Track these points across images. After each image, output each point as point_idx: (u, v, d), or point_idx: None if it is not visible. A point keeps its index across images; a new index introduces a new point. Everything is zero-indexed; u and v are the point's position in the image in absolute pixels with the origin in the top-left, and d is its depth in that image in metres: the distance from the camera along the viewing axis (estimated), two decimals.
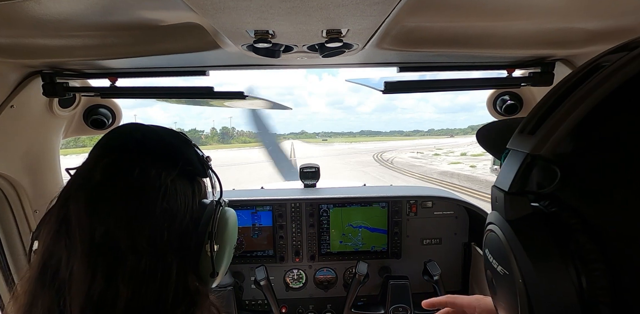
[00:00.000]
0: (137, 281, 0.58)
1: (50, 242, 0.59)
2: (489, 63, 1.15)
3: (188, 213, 0.65)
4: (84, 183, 0.61)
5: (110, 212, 0.59)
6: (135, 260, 0.58)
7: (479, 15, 0.77)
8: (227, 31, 0.75)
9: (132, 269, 0.57)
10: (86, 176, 0.62)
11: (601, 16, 0.78)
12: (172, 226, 0.62)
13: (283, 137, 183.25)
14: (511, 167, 0.40)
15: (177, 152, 0.68)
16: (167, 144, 0.68)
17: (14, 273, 1.25)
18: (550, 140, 0.36)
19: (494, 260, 0.43)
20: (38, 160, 1.23)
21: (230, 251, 0.72)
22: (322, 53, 0.86)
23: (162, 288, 0.59)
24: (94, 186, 0.60)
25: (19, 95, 1.06)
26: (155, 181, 0.62)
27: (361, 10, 0.64)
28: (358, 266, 1.58)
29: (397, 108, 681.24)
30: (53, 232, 0.59)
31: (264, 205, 1.71)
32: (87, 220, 0.58)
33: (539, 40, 0.93)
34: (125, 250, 0.58)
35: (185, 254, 0.63)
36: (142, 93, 1.18)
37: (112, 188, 0.60)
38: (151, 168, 0.63)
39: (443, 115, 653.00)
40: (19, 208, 1.22)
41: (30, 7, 0.65)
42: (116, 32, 0.83)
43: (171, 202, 0.62)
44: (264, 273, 1.54)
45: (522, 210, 0.39)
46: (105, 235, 0.57)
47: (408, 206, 1.73)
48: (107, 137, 0.69)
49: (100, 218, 0.58)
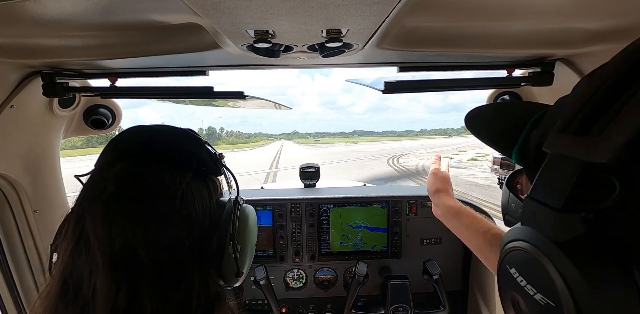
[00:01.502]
0: (161, 293, 0.56)
1: (69, 258, 0.58)
2: (488, 63, 1.15)
3: (207, 215, 0.63)
4: (97, 195, 0.59)
5: (127, 224, 0.56)
6: (158, 272, 0.56)
7: (479, 15, 0.77)
8: (227, 31, 0.75)
9: (155, 282, 0.56)
10: (98, 188, 0.59)
11: (601, 16, 0.77)
12: (192, 232, 0.60)
13: (275, 137, 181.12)
14: (559, 177, 0.34)
15: (188, 153, 0.65)
16: (177, 145, 0.66)
17: (14, 273, 1.25)
18: (619, 143, 0.29)
19: (528, 286, 0.37)
20: (38, 160, 1.22)
21: (252, 249, 0.71)
22: (322, 53, 0.86)
23: (185, 297, 0.58)
24: (108, 199, 0.58)
25: (19, 95, 1.06)
26: (170, 187, 0.60)
27: (361, 10, 0.64)
28: (357, 266, 1.58)
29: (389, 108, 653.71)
30: (72, 248, 0.58)
31: (264, 204, 1.71)
32: (106, 233, 0.56)
33: (539, 40, 0.93)
34: (147, 263, 0.56)
35: (207, 258, 0.61)
36: (142, 93, 1.18)
37: (127, 199, 0.58)
38: (164, 173, 0.61)
39: (434, 115, 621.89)
40: (19, 208, 1.22)
41: (30, 7, 0.65)
42: (116, 32, 0.83)
43: (189, 207, 0.60)
44: (263, 273, 1.54)
45: (575, 229, 0.33)
46: (124, 247, 0.56)
47: (408, 206, 1.73)
48: (115, 142, 0.66)
49: (118, 231, 0.56)
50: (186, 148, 0.66)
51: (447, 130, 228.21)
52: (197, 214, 0.61)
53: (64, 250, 0.59)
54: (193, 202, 0.61)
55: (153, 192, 0.59)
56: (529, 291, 0.37)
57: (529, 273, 0.37)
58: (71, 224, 0.60)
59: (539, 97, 1.27)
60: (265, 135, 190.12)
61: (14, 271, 1.25)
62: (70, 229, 0.59)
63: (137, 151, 0.64)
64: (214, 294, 0.62)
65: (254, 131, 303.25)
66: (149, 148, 0.64)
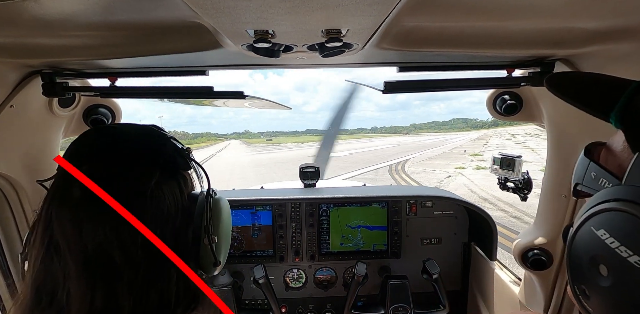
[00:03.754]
0: (138, 292, 0.57)
1: (40, 265, 0.57)
2: (488, 63, 1.15)
3: (180, 211, 0.63)
4: (63, 201, 0.58)
5: (98, 228, 0.56)
6: (133, 272, 0.56)
7: (479, 15, 0.77)
8: (227, 31, 0.75)
9: (131, 282, 0.56)
10: (64, 194, 0.59)
11: (601, 16, 0.78)
12: (165, 229, 0.60)
13: (225, 137, 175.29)
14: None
15: (154, 150, 0.65)
16: (141, 144, 0.65)
17: (14, 273, 1.25)
18: None
19: (622, 247, 0.36)
20: (38, 159, 1.22)
21: (228, 238, 0.72)
22: (322, 53, 0.86)
23: (163, 293, 0.58)
24: (76, 203, 0.57)
25: (19, 94, 1.06)
26: (138, 187, 0.60)
27: (361, 10, 0.64)
28: (357, 266, 1.58)
29: None
30: (42, 255, 0.57)
31: (264, 204, 1.71)
32: (76, 238, 0.56)
33: (538, 40, 0.93)
34: (120, 263, 0.56)
35: (184, 251, 0.62)
36: (142, 93, 1.18)
37: (95, 203, 0.57)
38: (130, 173, 0.60)
39: (384, 113, 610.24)
40: (19, 208, 1.22)
41: (30, 7, 0.65)
42: (116, 32, 0.83)
43: (160, 205, 0.60)
44: (262, 272, 1.54)
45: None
46: (97, 250, 0.56)
47: (408, 206, 1.73)
48: (76, 145, 0.65)
49: (89, 235, 0.56)
50: (151, 146, 0.65)
51: (398, 128, 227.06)
52: (169, 210, 0.61)
53: (34, 257, 0.58)
54: (164, 199, 0.61)
55: (121, 193, 0.58)
56: (621, 254, 0.35)
57: (625, 233, 0.35)
58: (39, 231, 0.59)
59: (539, 97, 1.27)
60: (214, 135, 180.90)
61: (13, 272, 1.25)
62: (39, 236, 0.58)
63: (100, 153, 0.63)
64: (194, 288, 0.62)
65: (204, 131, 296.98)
66: (112, 150, 0.63)
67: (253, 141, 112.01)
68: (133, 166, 0.61)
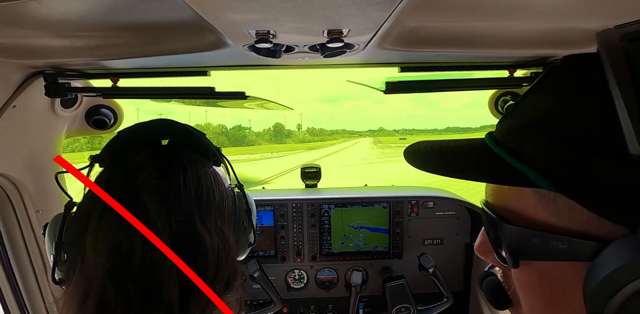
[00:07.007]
0: (213, 257, 0.64)
1: (117, 236, 0.60)
2: (490, 64, 1.15)
3: (229, 195, 0.73)
4: (147, 178, 0.63)
5: (181, 201, 0.63)
6: (210, 239, 0.64)
7: (481, 15, 0.77)
8: (228, 31, 0.75)
9: (209, 248, 0.63)
10: (131, 174, 0.64)
11: (603, 16, 0.77)
12: (223, 208, 0.69)
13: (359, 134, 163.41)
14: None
15: (204, 144, 0.74)
16: (195, 136, 0.73)
17: (17, 273, 1.26)
18: None
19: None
20: (40, 160, 1.23)
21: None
22: (323, 53, 0.86)
23: (219, 264, 0.65)
24: (161, 182, 0.63)
25: (21, 95, 1.07)
26: (204, 170, 0.69)
27: (362, 11, 0.64)
28: (352, 276, 1.58)
29: None
30: (127, 227, 0.60)
31: (265, 205, 1.71)
32: (165, 212, 0.61)
33: (541, 40, 0.93)
34: (200, 232, 0.63)
35: (235, 230, 0.72)
36: (144, 93, 1.19)
37: (176, 182, 0.64)
38: (194, 159, 0.69)
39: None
40: (22, 208, 1.22)
41: (32, 8, 0.65)
42: (118, 33, 0.84)
43: (220, 188, 0.70)
44: (255, 265, 1.54)
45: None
46: (183, 221, 0.62)
47: (409, 206, 1.72)
48: (129, 133, 0.72)
49: (175, 209, 0.63)
50: (201, 140, 0.73)
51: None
52: (223, 192, 0.71)
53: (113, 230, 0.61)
54: (219, 183, 0.71)
55: (193, 177, 0.66)
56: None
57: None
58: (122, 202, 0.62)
59: None
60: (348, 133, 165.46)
61: (16, 271, 1.25)
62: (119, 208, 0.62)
63: (170, 140, 0.72)
64: (234, 269, 0.69)
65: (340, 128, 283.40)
66: (178, 138, 0.72)
67: (385, 139, 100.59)
68: (194, 154, 0.71)
